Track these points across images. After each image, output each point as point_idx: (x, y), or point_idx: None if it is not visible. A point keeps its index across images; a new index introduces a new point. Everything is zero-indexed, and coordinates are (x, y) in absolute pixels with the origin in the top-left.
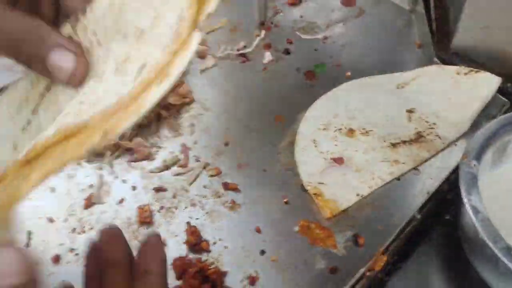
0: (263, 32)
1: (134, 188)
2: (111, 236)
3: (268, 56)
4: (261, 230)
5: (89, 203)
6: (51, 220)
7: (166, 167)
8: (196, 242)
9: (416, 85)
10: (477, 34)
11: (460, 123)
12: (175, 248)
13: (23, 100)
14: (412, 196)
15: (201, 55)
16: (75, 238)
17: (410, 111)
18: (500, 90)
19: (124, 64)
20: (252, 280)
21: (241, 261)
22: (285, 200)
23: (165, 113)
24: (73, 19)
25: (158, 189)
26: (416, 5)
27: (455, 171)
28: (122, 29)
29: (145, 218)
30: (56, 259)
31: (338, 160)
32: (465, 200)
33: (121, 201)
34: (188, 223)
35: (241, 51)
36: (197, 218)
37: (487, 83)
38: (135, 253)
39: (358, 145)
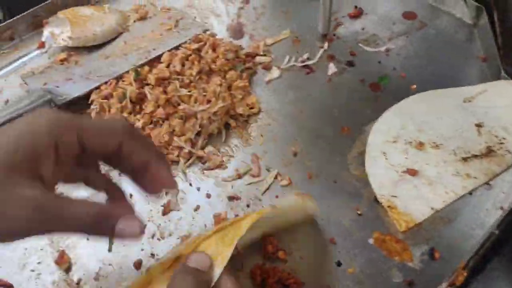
0: (326, 44)
1: (208, 196)
2: None
3: (332, 67)
4: (336, 241)
5: (167, 209)
6: None
7: (239, 176)
8: (273, 251)
9: (484, 99)
10: None
11: None
12: (252, 256)
13: None
14: (485, 210)
15: (266, 66)
16: (155, 243)
17: (479, 125)
18: None
19: None
20: None
21: (317, 271)
22: (358, 212)
23: (233, 122)
24: None
25: (232, 198)
26: (479, 19)
27: None
28: None
29: None
30: (138, 264)
31: (411, 171)
32: None
33: (197, 208)
34: (263, 232)
35: (305, 63)
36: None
37: None
38: None
39: (429, 159)
